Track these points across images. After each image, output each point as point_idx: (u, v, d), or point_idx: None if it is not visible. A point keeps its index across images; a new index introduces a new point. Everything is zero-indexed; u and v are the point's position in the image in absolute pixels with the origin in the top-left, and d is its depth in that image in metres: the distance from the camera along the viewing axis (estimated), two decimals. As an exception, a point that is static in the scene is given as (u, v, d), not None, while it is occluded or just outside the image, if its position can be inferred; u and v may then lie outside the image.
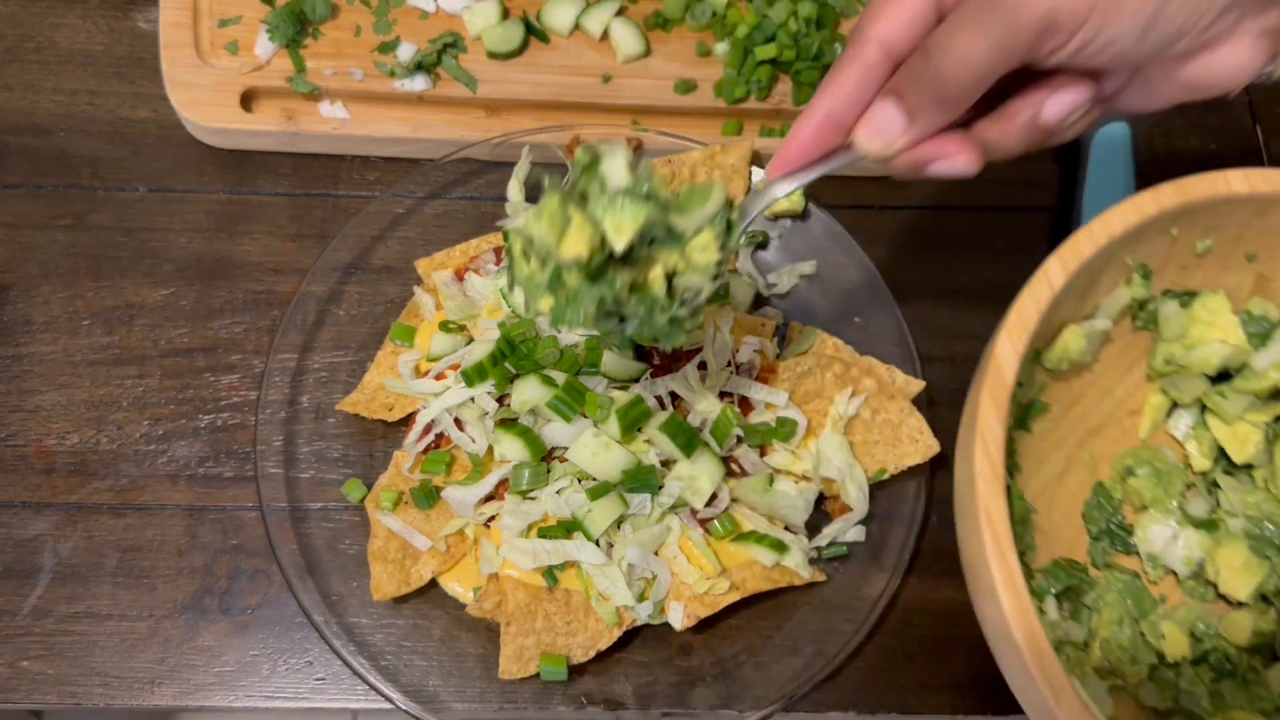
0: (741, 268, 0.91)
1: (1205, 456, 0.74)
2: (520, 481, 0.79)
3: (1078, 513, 0.74)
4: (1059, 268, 0.62)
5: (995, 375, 0.60)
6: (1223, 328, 0.69)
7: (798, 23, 0.94)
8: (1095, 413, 0.74)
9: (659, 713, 0.80)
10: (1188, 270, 0.70)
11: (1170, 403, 0.74)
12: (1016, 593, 0.57)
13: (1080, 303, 0.67)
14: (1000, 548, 0.57)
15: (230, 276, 0.91)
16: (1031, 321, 0.61)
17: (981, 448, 0.59)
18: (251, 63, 0.93)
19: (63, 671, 0.80)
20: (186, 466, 0.85)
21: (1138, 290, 0.68)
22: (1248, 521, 0.71)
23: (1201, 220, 0.66)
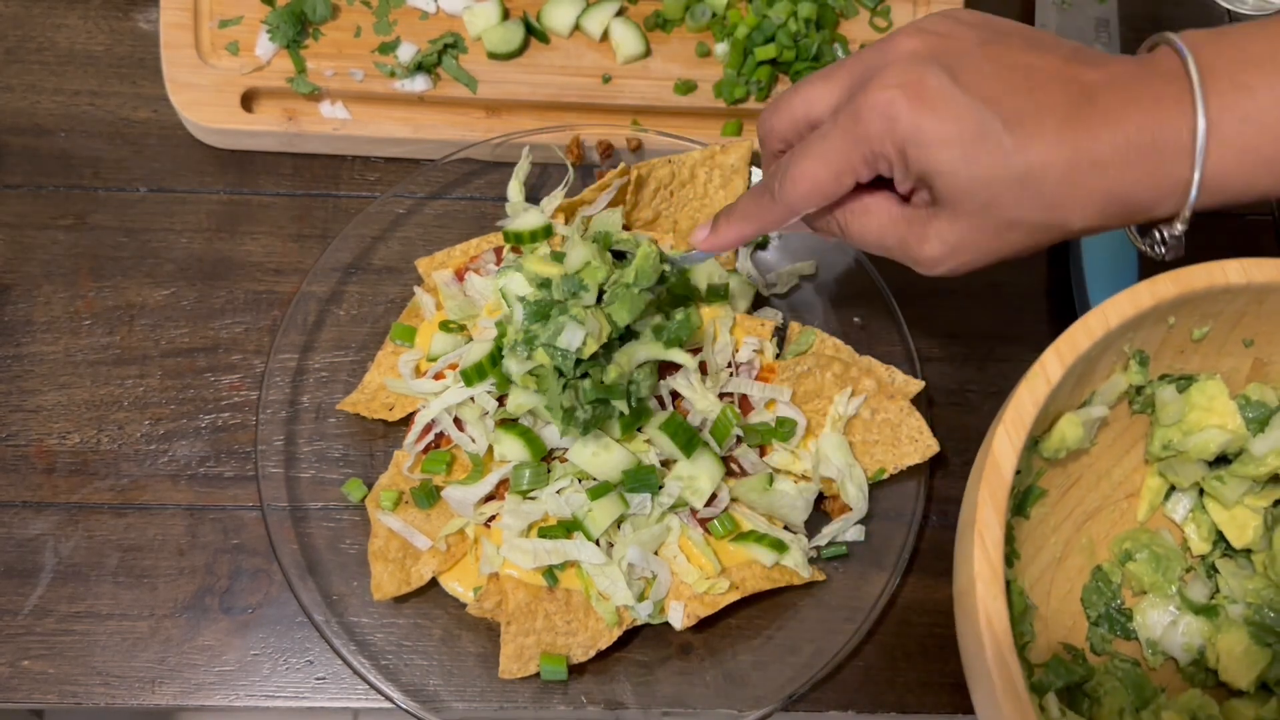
0: (741, 268, 0.91)
1: (1204, 540, 0.74)
2: (521, 481, 0.79)
3: (1076, 597, 0.73)
4: (1056, 362, 0.62)
5: (994, 473, 0.60)
6: (1220, 413, 0.69)
7: (797, 23, 0.95)
8: (1092, 496, 0.74)
9: (659, 712, 0.80)
10: (1185, 355, 0.70)
11: (1168, 485, 0.74)
12: (1017, 700, 0.56)
13: (1076, 391, 0.67)
14: (1001, 653, 0.57)
15: (231, 276, 0.91)
16: (1029, 417, 0.61)
17: (980, 548, 0.58)
18: (252, 63, 0.93)
19: (63, 671, 0.80)
20: (187, 466, 0.86)
21: (1135, 377, 0.68)
22: (1248, 608, 0.71)
23: (1199, 309, 0.66)
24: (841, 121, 0.63)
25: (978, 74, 0.61)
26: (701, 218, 0.91)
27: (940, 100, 0.60)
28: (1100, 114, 0.59)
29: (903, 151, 0.62)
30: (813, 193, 0.66)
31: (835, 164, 0.64)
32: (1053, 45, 0.63)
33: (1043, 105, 0.60)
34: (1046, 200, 0.61)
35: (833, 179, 0.65)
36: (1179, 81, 0.59)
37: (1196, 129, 0.58)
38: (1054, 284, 0.94)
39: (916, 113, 0.61)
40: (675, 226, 0.91)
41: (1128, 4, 1.03)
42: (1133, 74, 0.61)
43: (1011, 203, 0.62)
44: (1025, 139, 0.60)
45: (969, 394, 0.91)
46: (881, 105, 0.61)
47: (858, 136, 0.62)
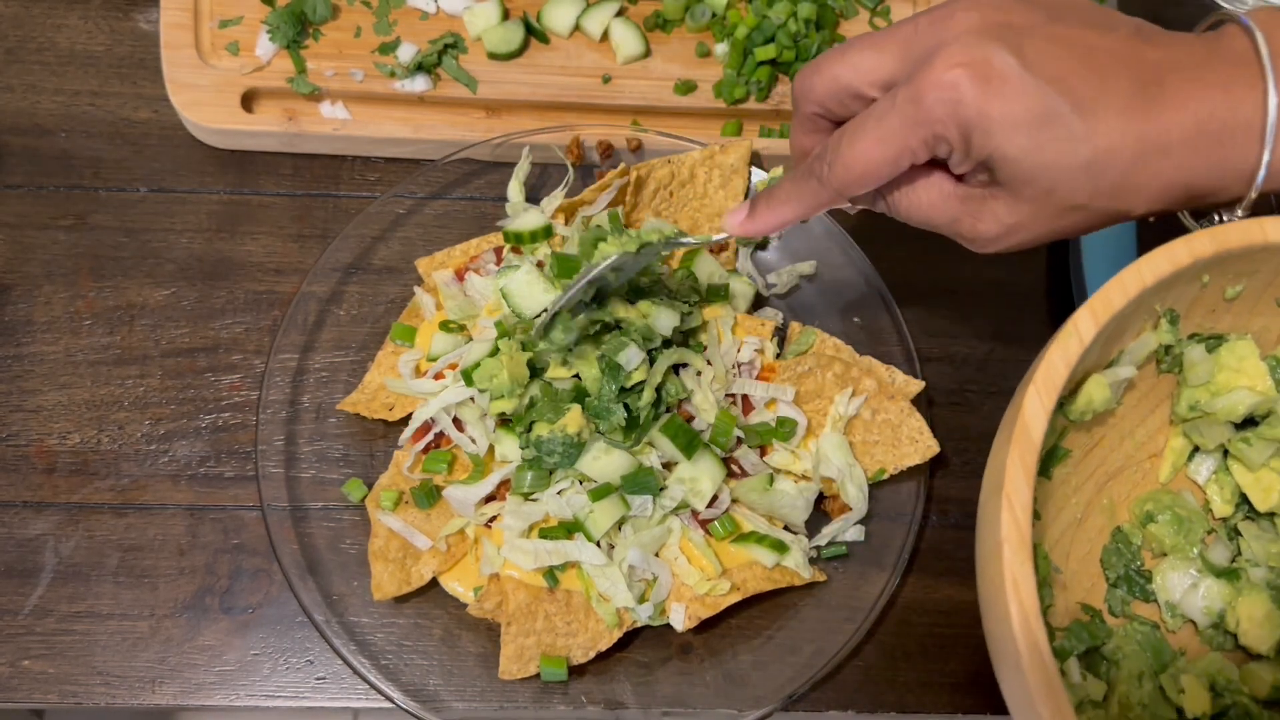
0: (741, 268, 0.91)
1: (1227, 502, 0.72)
2: (522, 483, 0.79)
3: (1096, 559, 0.72)
4: (1090, 320, 0.60)
5: (1023, 436, 0.58)
6: (1250, 374, 0.68)
7: (797, 23, 0.95)
8: (1115, 456, 0.72)
9: (659, 712, 0.80)
10: (1216, 314, 0.68)
11: (1192, 446, 0.73)
12: (1044, 669, 0.54)
13: (1105, 350, 0.65)
14: (1027, 620, 0.55)
15: (231, 276, 0.91)
16: (1060, 378, 0.59)
17: (1009, 511, 0.57)
18: (252, 63, 0.93)
19: (64, 671, 0.80)
20: (187, 466, 0.86)
21: (1165, 336, 0.67)
22: (1270, 572, 0.70)
23: (1234, 267, 0.65)
24: (901, 103, 0.60)
25: (1043, 54, 0.58)
26: (701, 218, 0.91)
27: (1007, 82, 0.58)
28: (1168, 98, 0.58)
29: (967, 136, 0.59)
30: (867, 176, 0.63)
31: (893, 147, 0.61)
32: (1114, 22, 0.61)
33: (1109, 88, 0.58)
34: (1112, 186, 0.60)
35: (889, 162, 0.62)
36: (1249, 66, 0.58)
37: (1268, 113, 0.57)
38: (1054, 284, 0.95)
39: (983, 96, 0.58)
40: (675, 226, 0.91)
41: (1127, 4, 1.03)
42: (1200, 57, 0.60)
43: (1076, 188, 0.60)
44: (1093, 124, 0.58)
45: (969, 394, 0.91)
46: (946, 87, 0.58)
47: (919, 119, 0.59)
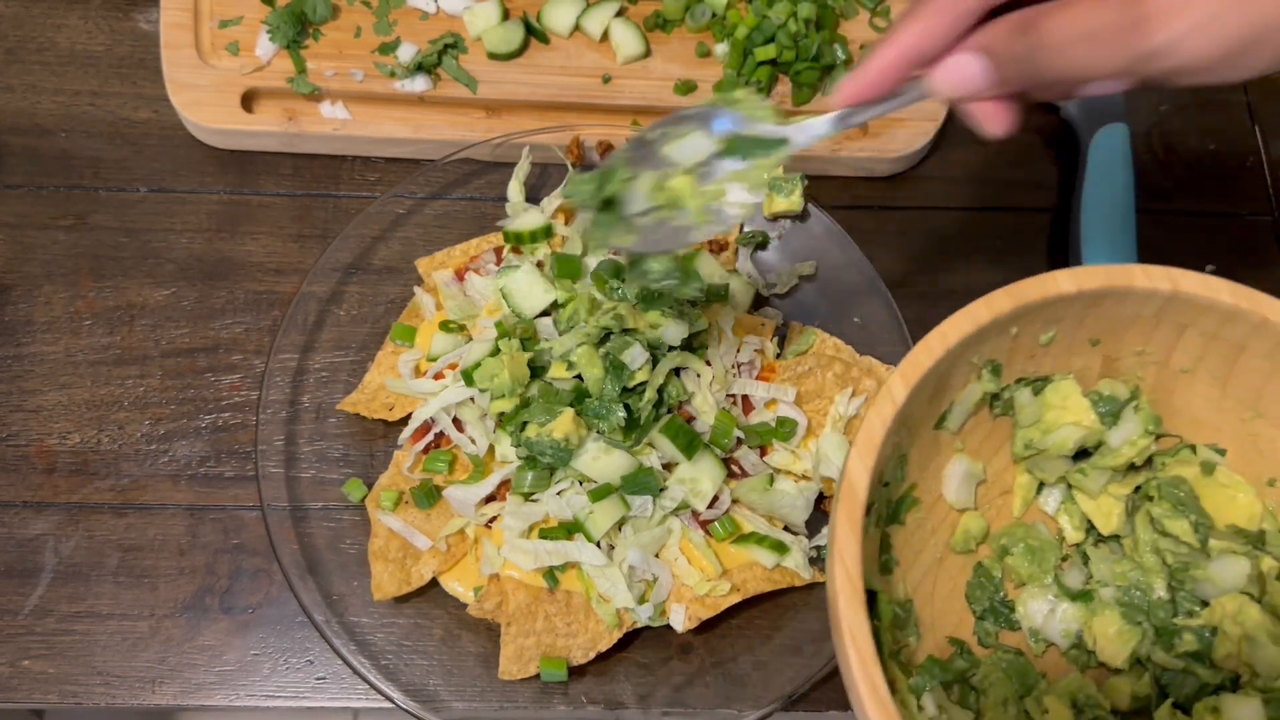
0: (741, 268, 0.91)
1: (1077, 529, 0.76)
2: (522, 483, 0.79)
3: (961, 594, 0.75)
4: (900, 384, 0.63)
5: (849, 495, 0.61)
6: (1075, 410, 0.71)
7: (797, 24, 0.95)
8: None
9: (659, 713, 0.80)
10: (1036, 359, 0.71)
11: (1038, 481, 0.77)
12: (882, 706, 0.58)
13: (934, 403, 0.69)
14: (864, 664, 0.58)
15: (231, 277, 0.91)
16: (878, 438, 0.62)
17: (840, 565, 0.60)
18: (252, 63, 0.93)
19: (64, 671, 0.80)
20: (187, 466, 0.86)
21: (988, 385, 0.70)
22: (1118, 590, 0.74)
23: (1039, 317, 0.68)
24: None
25: None
26: (701, 218, 0.91)
27: None
28: None
29: None
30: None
31: None
32: None
33: None
34: None
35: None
36: None
37: None
38: (1054, 284, 0.94)
39: None
40: (675, 227, 0.91)
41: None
42: None
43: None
44: None
45: (969, 394, 0.91)
46: None
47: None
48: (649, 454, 0.80)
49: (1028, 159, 0.99)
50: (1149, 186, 0.95)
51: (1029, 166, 0.99)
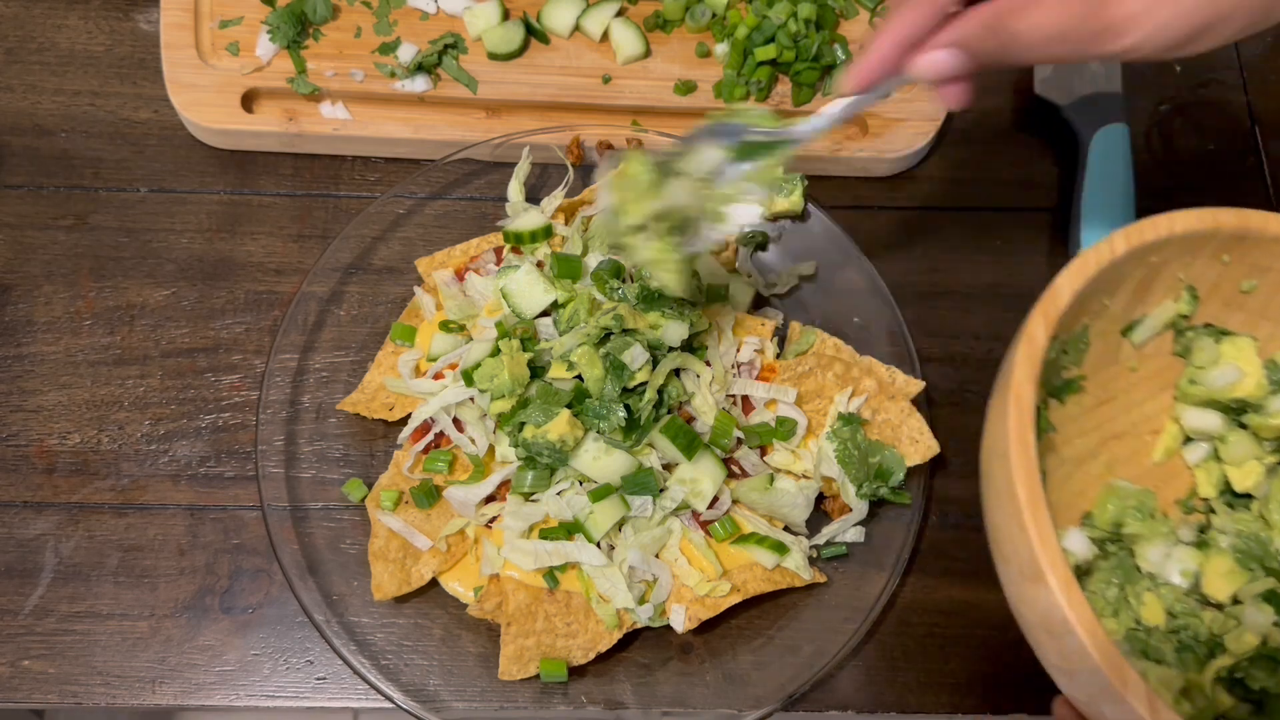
0: (741, 268, 0.91)
1: (1211, 486, 0.77)
2: (522, 483, 0.79)
3: (1086, 502, 0.76)
4: (1123, 239, 0.66)
5: (1051, 298, 0.64)
6: (1246, 366, 0.74)
7: (797, 24, 0.95)
8: (1122, 418, 0.77)
9: (659, 712, 0.80)
10: (1229, 308, 0.74)
11: (1185, 435, 0.78)
12: (1030, 466, 0.60)
13: (1131, 305, 0.72)
14: (1023, 424, 0.60)
15: (232, 277, 0.91)
16: (1091, 269, 0.65)
17: (1026, 352, 0.63)
18: (252, 64, 0.93)
19: (64, 671, 0.80)
20: (188, 466, 0.86)
21: (1184, 307, 0.72)
22: (1237, 539, 0.75)
23: (1251, 256, 0.70)
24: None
25: None
26: (701, 218, 0.91)
27: None
28: None
29: None
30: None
31: None
32: None
33: None
34: None
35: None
36: None
37: None
38: (1054, 284, 0.94)
39: None
40: (675, 227, 0.91)
41: None
42: None
43: None
44: None
45: (969, 394, 0.91)
46: None
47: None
48: (649, 454, 0.80)
49: (1028, 159, 0.99)
50: (1149, 186, 0.95)
51: (1029, 166, 0.99)
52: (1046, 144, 1.00)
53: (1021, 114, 1.00)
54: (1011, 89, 1.01)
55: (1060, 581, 0.57)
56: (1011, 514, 0.60)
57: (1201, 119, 1.02)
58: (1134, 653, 0.72)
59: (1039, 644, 0.63)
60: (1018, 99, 1.01)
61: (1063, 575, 0.58)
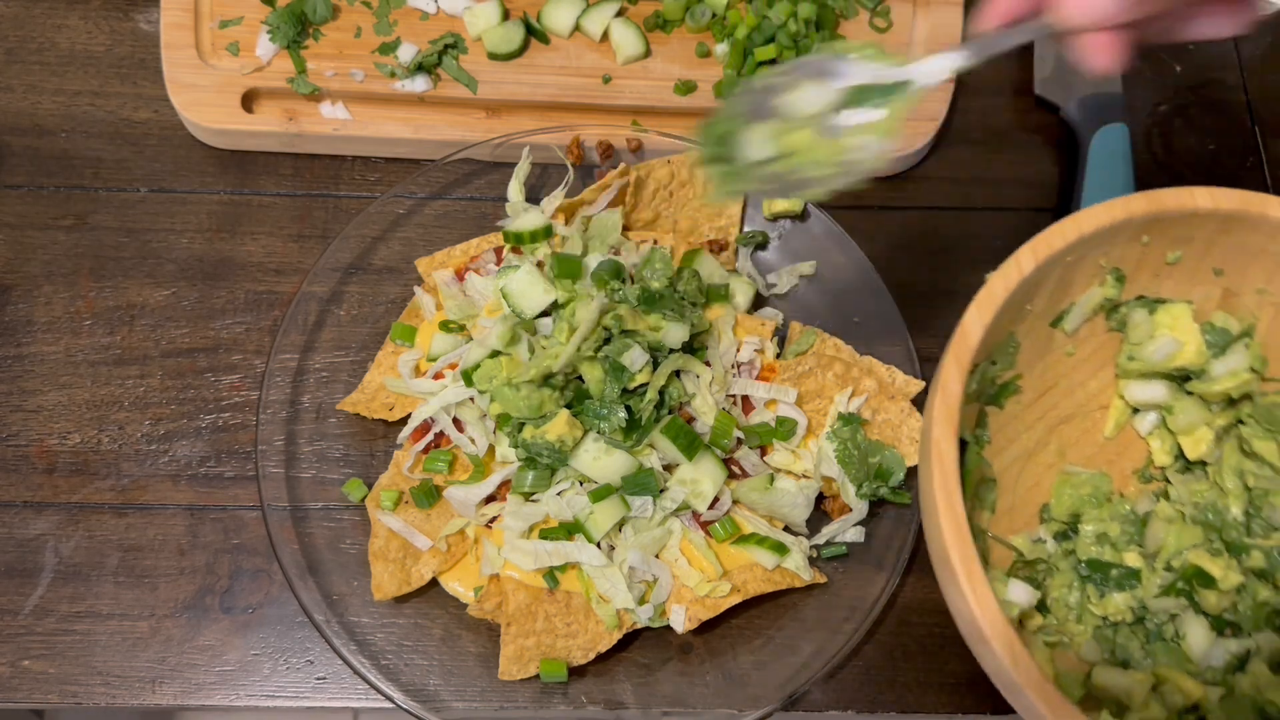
0: (741, 268, 0.91)
1: (1166, 454, 0.78)
2: (523, 482, 0.79)
3: (1043, 494, 0.77)
4: (1030, 256, 0.66)
5: (961, 340, 0.64)
6: (1184, 334, 0.74)
7: (797, 24, 0.95)
8: (1067, 403, 0.78)
9: (659, 713, 0.80)
10: (1159, 279, 0.73)
11: (1133, 407, 0.79)
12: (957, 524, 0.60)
13: (1055, 298, 0.71)
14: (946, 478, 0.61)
15: (232, 277, 0.91)
16: (999, 300, 0.65)
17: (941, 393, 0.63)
18: (252, 64, 0.93)
19: (64, 671, 0.80)
20: (188, 466, 0.86)
21: (1110, 291, 0.72)
22: (1194, 509, 0.76)
23: (1171, 231, 0.70)
24: None
25: None
26: (701, 218, 0.91)
27: None
28: None
29: None
30: None
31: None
32: None
33: None
34: None
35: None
36: None
37: None
38: (1054, 284, 0.95)
39: None
40: (675, 226, 0.91)
41: None
42: None
43: None
44: None
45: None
46: None
47: None
48: (649, 455, 0.80)
49: (1028, 159, 0.99)
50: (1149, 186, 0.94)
51: (1029, 166, 0.99)
52: (1046, 144, 1.00)
53: (1021, 114, 1.00)
54: (1012, 89, 1.01)
55: (1003, 646, 0.59)
56: (950, 579, 0.61)
57: (1201, 119, 1.02)
58: (1103, 657, 0.73)
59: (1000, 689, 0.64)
60: (1018, 99, 1.01)
61: (1004, 639, 0.59)
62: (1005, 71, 1.01)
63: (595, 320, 0.78)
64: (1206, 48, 1.04)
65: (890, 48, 0.97)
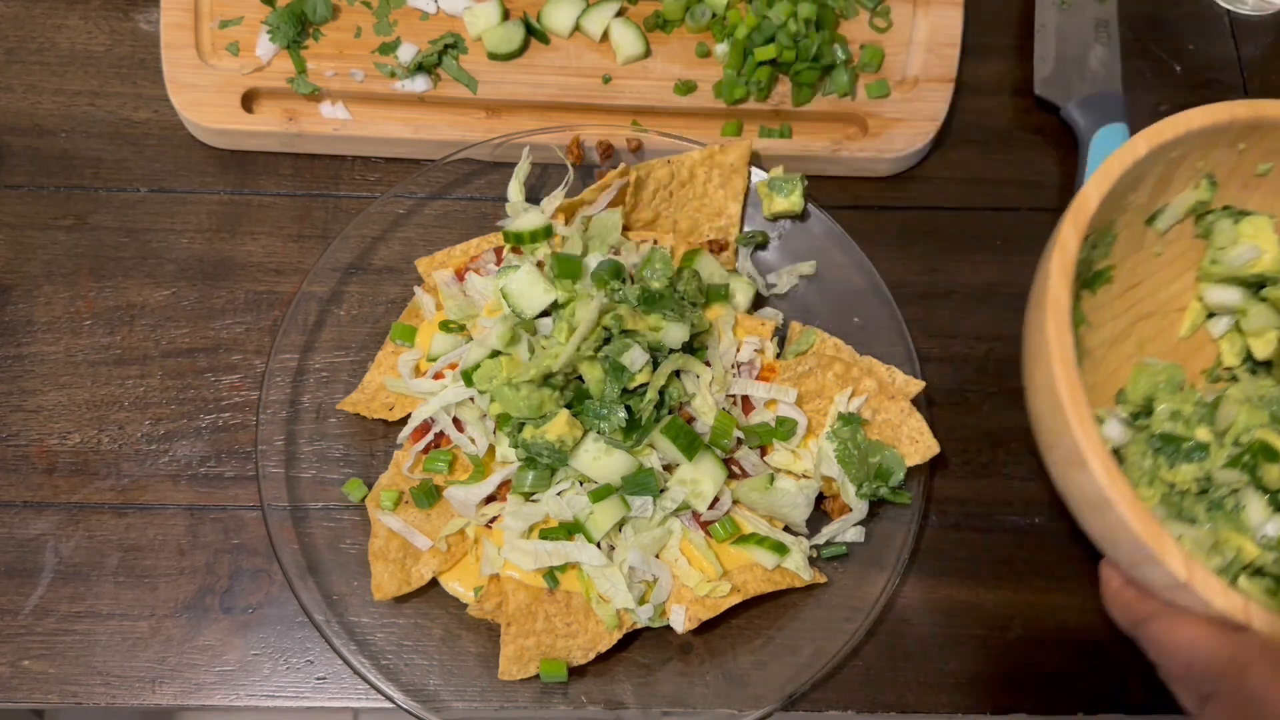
0: (741, 268, 0.91)
1: (1235, 356, 0.85)
2: (523, 482, 0.79)
3: (1119, 381, 0.84)
4: (1144, 142, 0.72)
5: (1080, 206, 0.70)
6: (1265, 244, 0.80)
7: (797, 24, 0.95)
8: (1149, 300, 0.84)
9: (659, 713, 0.80)
10: (1247, 190, 0.79)
11: (1209, 311, 0.85)
12: (1068, 365, 0.66)
13: (1153, 196, 0.78)
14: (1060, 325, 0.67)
15: (232, 277, 0.91)
16: (1116, 173, 0.71)
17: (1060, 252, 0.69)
18: (252, 64, 0.93)
19: (64, 671, 0.80)
20: (188, 466, 0.86)
21: (1203, 194, 0.78)
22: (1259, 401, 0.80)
23: (1266, 142, 0.75)
24: None
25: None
26: (701, 218, 0.91)
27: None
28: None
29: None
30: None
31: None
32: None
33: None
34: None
35: None
36: None
37: None
38: (1054, 284, 0.95)
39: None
40: (675, 226, 0.91)
41: (1127, 4, 1.03)
42: None
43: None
44: None
45: (969, 394, 0.91)
46: None
47: None
48: (649, 455, 0.80)
49: (1028, 159, 0.99)
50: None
51: (1029, 166, 0.99)
52: (1046, 144, 1.00)
53: (1021, 114, 1.00)
54: (1011, 90, 1.01)
55: (1101, 466, 0.65)
56: (1055, 410, 0.67)
57: (1201, 119, 1.02)
58: (1169, 516, 0.78)
59: (1084, 519, 0.70)
60: (1018, 99, 1.01)
61: (1103, 460, 0.65)
62: (1005, 72, 1.02)
63: (595, 320, 0.78)
64: (1206, 48, 1.04)
65: (890, 48, 0.98)
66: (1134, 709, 0.83)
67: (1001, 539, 0.87)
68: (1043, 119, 1.00)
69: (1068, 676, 0.84)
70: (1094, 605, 0.85)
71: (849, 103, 0.96)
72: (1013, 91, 1.01)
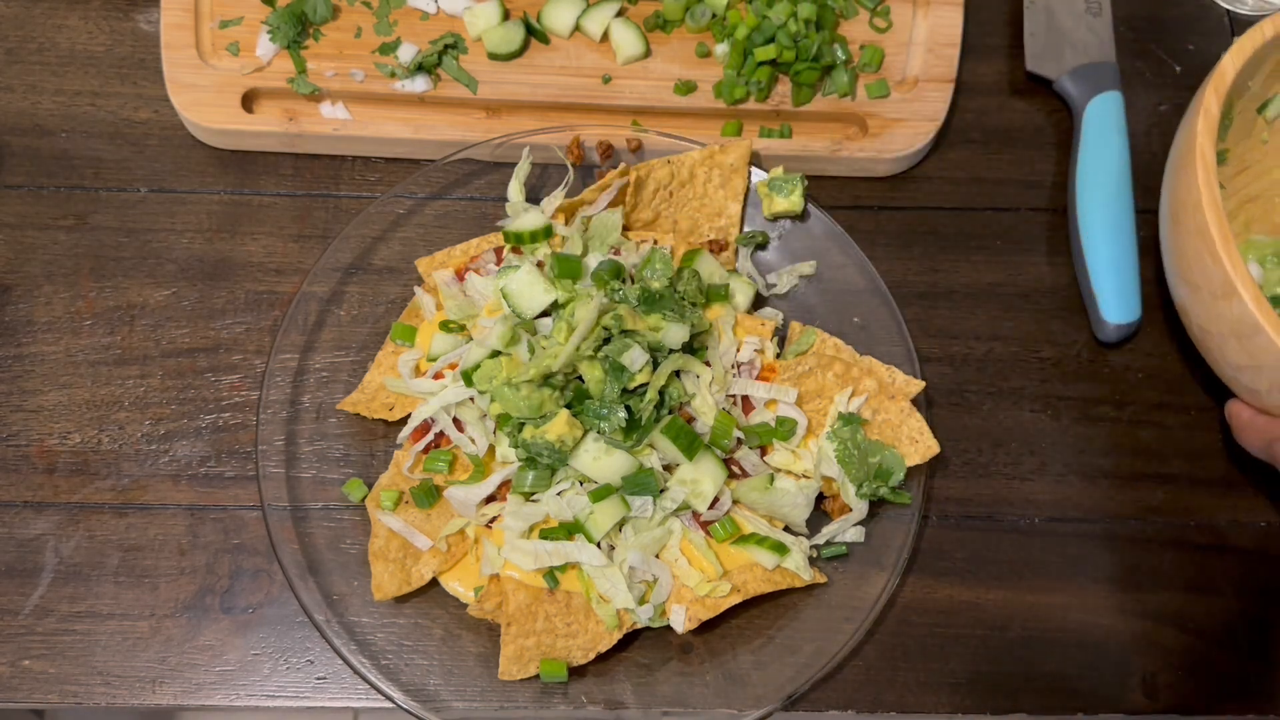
0: (741, 268, 0.91)
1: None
2: (523, 482, 0.79)
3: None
4: (1271, 25, 0.79)
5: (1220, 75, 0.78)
6: None
7: (797, 24, 0.95)
8: (1256, 184, 0.91)
9: (659, 712, 0.80)
10: None
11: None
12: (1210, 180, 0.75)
13: (1267, 85, 0.85)
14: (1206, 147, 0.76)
15: (232, 277, 0.91)
16: (1249, 50, 0.79)
17: (1204, 117, 0.77)
18: (253, 64, 0.93)
19: (64, 671, 0.80)
20: (188, 466, 0.86)
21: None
22: None
23: None
24: None
25: None
26: (701, 218, 0.91)
27: None
28: None
29: None
30: None
31: None
32: None
33: None
34: None
35: None
36: None
37: None
38: (1054, 284, 0.95)
39: None
40: (675, 226, 0.91)
41: (1128, 5, 1.03)
42: None
43: None
44: None
45: (969, 394, 0.91)
46: None
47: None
48: (649, 455, 0.80)
49: (1027, 159, 0.99)
50: (1148, 187, 0.95)
51: (1029, 167, 0.99)
52: (1046, 143, 1.00)
53: (1021, 114, 1.00)
54: (1011, 90, 1.01)
55: (1250, 295, 0.73)
56: (1206, 249, 0.75)
57: (1201, 119, 1.02)
58: None
59: (1226, 351, 0.78)
60: (1018, 99, 1.01)
61: (1252, 290, 0.73)
62: (1005, 72, 1.02)
63: (595, 320, 0.79)
64: (1206, 48, 1.04)
65: (890, 48, 0.98)
66: (1134, 709, 0.83)
67: (1001, 539, 0.87)
68: (1043, 119, 1.00)
69: (1068, 676, 0.84)
70: (1094, 605, 0.85)
71: (849, 103, 0.96)
72: (1013, 92, 1.01)
